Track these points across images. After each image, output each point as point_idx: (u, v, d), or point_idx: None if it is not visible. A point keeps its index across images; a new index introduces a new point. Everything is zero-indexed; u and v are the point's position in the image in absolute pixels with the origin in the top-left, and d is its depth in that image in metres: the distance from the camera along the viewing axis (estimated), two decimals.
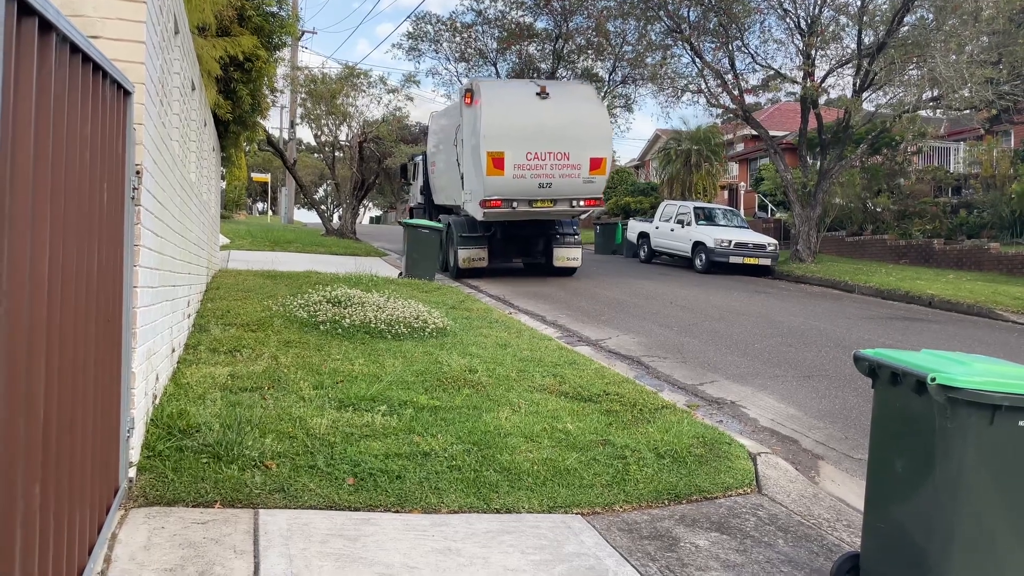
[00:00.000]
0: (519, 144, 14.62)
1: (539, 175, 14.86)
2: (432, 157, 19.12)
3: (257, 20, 12.21)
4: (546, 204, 15.26)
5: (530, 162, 14.72)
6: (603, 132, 15.63)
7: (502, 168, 14.54)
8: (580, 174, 15.10)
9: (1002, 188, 21.47)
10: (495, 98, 14.96)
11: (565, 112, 15.11)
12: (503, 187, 14.68)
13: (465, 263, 15.85)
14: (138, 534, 3.50)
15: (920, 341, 10.17)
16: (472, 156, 14.96)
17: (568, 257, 16.61)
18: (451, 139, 16.47)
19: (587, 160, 15.08)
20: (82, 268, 2.78)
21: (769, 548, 4.03)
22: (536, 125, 14.80)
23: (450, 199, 17.37)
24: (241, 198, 48.35)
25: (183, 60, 6.17)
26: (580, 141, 14.98)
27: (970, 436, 2.94)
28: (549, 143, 14.78)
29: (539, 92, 15.19)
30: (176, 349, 6.20)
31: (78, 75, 2.60)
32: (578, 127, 15.04)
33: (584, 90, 16.54)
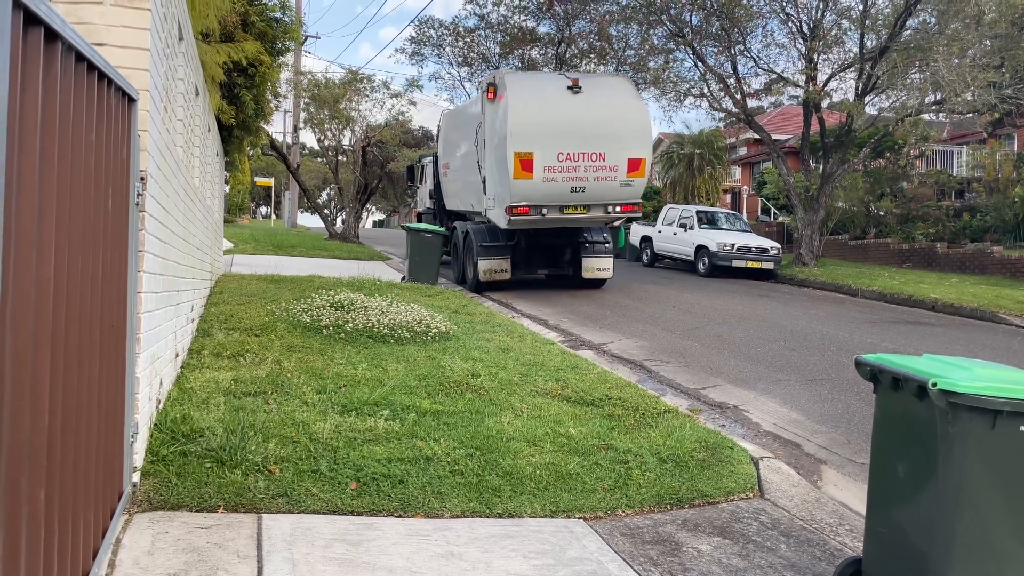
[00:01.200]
0: (550, 144, 13.15)
1: (572, 178, 13.39)
2: (444, 159, 17.64)
3: (261, 26, 12.26)
4: (579, 211, 13.69)
5: (562, 163, 13.25)
6: (642, 129, 13.97)
7: (531, 170, 13.10)
8: (617, 176, 13.61)
9: (1005, 192, 21.44)
10: (522, 93, 13.41)
11: (600, 107, 13.57)
12: (532, 192, 13.22)
13: (486, 275, 14.33)
14: (142, 539, 3.52)
15: (923, 345, 10.16)
16: (496, 157, 13.48)
17: (598, 268, 15.11)
18: (469, 139, 15.04)
19: (624, 161, 13.56)
20: (87, 273, 2.80)
21: (771, 553, 4.03)
22: (568, 122, 13.28)
23: (466, 204, 16.09)
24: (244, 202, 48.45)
25: (187, 66, 6.19)
26: (617, 139, 13.50)
27: (972, 441, 2.94)
28: (583, 142, 13.29)
29: (571, 85, 13.55)
30: (180, 354, 6.22)
31: (83, 83, 2.62)
32: (614, 124, 13.50)
33: (620, 83, 14.84)
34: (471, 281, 14.84)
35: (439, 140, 18.43)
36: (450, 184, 17.25)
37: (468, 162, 15.22)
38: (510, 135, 12.99)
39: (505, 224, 13.65)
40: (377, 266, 18.29)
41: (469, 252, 15.00)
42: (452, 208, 17.45)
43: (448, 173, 17.28)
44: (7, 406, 1.90)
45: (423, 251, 14.49)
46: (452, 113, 18.66)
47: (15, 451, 1.98)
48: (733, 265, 19.43)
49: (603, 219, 14.44)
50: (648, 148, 14.15)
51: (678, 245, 21.47)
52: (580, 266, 15.03)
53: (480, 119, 14.05)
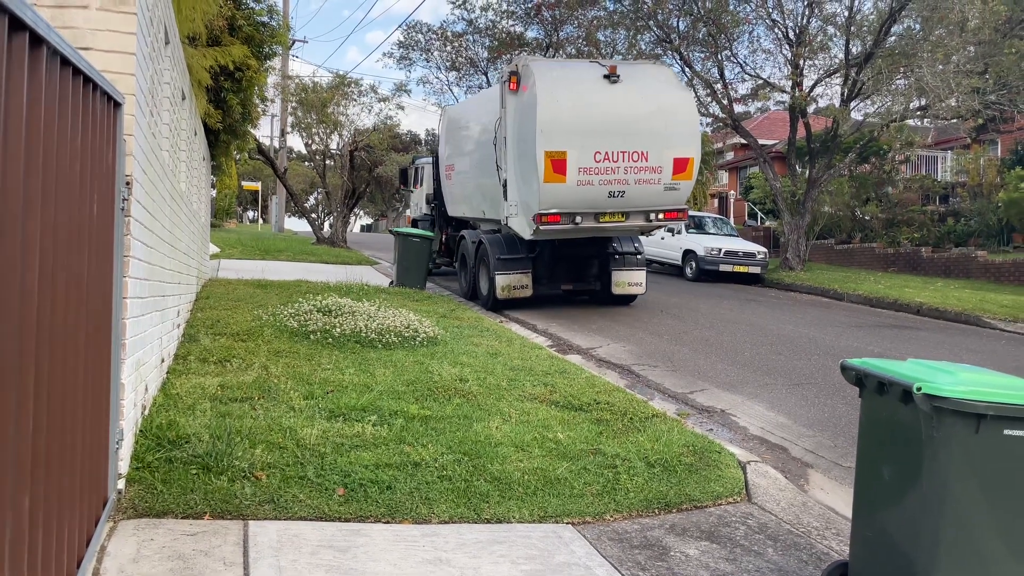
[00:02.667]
0: (585, 141, 11.36)
1: (610, 181, 11.60)
2: (448, 159, 15.71)
3: (247, 30, 12.22)
4: (616, 218, 11.99)
5: (599, 164, 11.46)
6: (689, 125, 12.22)
7: (563, 173, 11.32)
8: (661, 179, 11.83)
9: (989, 196, 21.66)
10: (553, 83, 11.57)
11: (641, 99, 11.82)
12: (564, 197, 11.44)
13: (504, 292, 12.57)
14: (127, 546, 3.49)
15: (908, 349, 10.23)
16: (521, 158, 11.73)
17: (630, 282, 13.41)
18: (485, 137, 13.19)
19: (670, 161, 11.82)
20: (71, 279, 2.78)
21: (759, 557, 4.05)
22: (606, 117, 11.50)
23: (475, 211, 14.40)
24: (231, 207, 48.24)
25: (173, 70, 6.17)
26: (661, 136, 11.75)
27: (956, 445, 2.96)
28: (623, 140, 11.52)
29: (608, 74, 11.77)
30: (166, 359, 6.18)
31: (68, 87, 2.61)
32: (658, 119, 11.75)
33: (661, 71, 13.03)
34: (485, 297, 13.13)
35: (441, 139, 16.53)
36: (455, 188, 15.47)
37: (482, 164, 13.45)
38: (540, 132, 11.19)
39: (530, 234, 11.94)
40: (365, 271, 18.25)
41: (483, 265, 13.27)
42: (456, 215, 15.80)
43: (452, 176, 15.50)
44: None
45: (411, 256, 14.46)
46: (459, 108, 17.02)
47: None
48: (720, 269, 19.52)
49: (643, 228, 12.76)
50: (696, 146, 12.28)
51: (665, 249, 21.54)
52: (609, 280, 13.34)
53: (499, 114, 12.14)
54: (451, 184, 15.61)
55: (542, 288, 13.18)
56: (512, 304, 12.83)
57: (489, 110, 13.02)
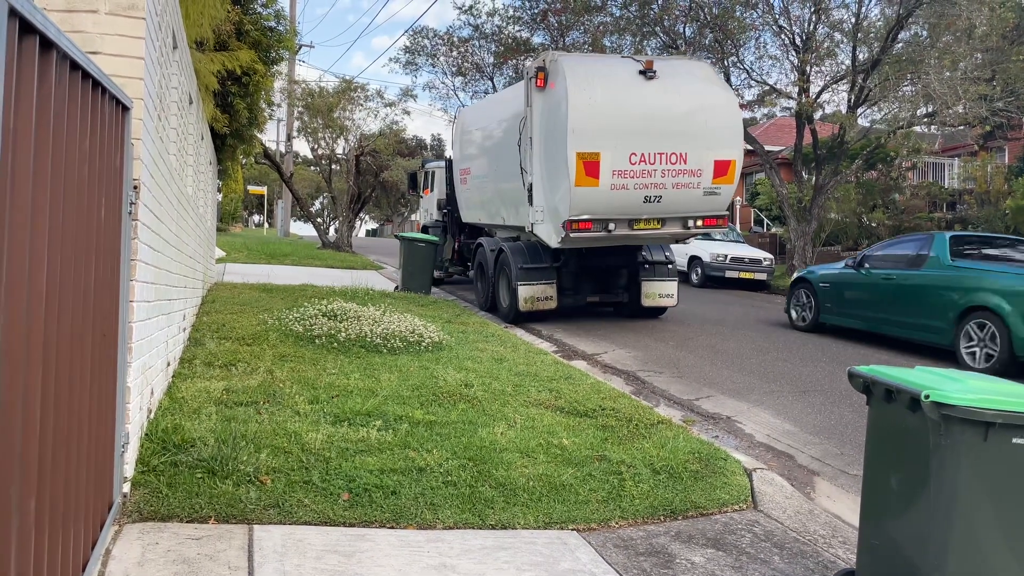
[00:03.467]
0: (620, 142, 10.59)
1: (646, 185, 10.79)
2: (463, 163, 14.89)
3: (255, 35, 12.27)
4: (652, 225, 11.16)
5: (634, 167, 10.67)
6: (731, 125, 11.35)
7: (596, 176, 10.53)
8: (700, 183, 11.06)
9: (996, 204, 21.60)
10: (586, 79, 10.74)
11: (680, 97, 11.04)
12: (597, 202, 10.63)
13: (527, 304, 11.75)
14: (132, 550, 3.49)
15: (915, 358, 10.19)
16: (549, 160, 10.94)
17: (661, 294, 12.60)
18: (507, 138, 12.33)
19: (710, 163, 11.04)
20: (79, 282, 2.79)
21: (765, 565, 4.03)
22: (642, 115, 10.72)
23: (493, 217, 13.62)
24: (237, 211, 48.39)
25: (181, 75, 6.19)
26: (702, 137, 10.98)
27: (964, 453, 2.95)
28: (660, 140, 10.76)
29: (643, 70, 10.97)
30: (171, 363, 6.19)
31: (77, 91, 2.62)
32: (698, 118, 10.96)
33: (701, 68, 12.16)
34: (506, 309, 12.36)
35: (455, 142, 15.72)
36: (471, 193, 14.65)
37: (502, 167, 12.63)
38: (571, 132, 10.39)
39: (557, 242, 11.09)
40: (370, 275, 18.27)
41: (503, 275, 12.53)
42: (471, 221, 15.04)
43: (468, 180, 14.67)
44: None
45: (416, 261, 14.46)
46: (476, 109, 16.09)
47: (6, 459, 1.97)
48: (726, 276, 19.48)
49: (679, 235, 11.95)
50: (739, 148, 11.48)
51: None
52: (638, 291, 12.55)
53: (524, 113, 11.33)
54: (466, 189, 14.85)
55: (567, 300, 12.32)
56: (535, 317, 12.05)
57: (511, 109, 12.29)
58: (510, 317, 12.09)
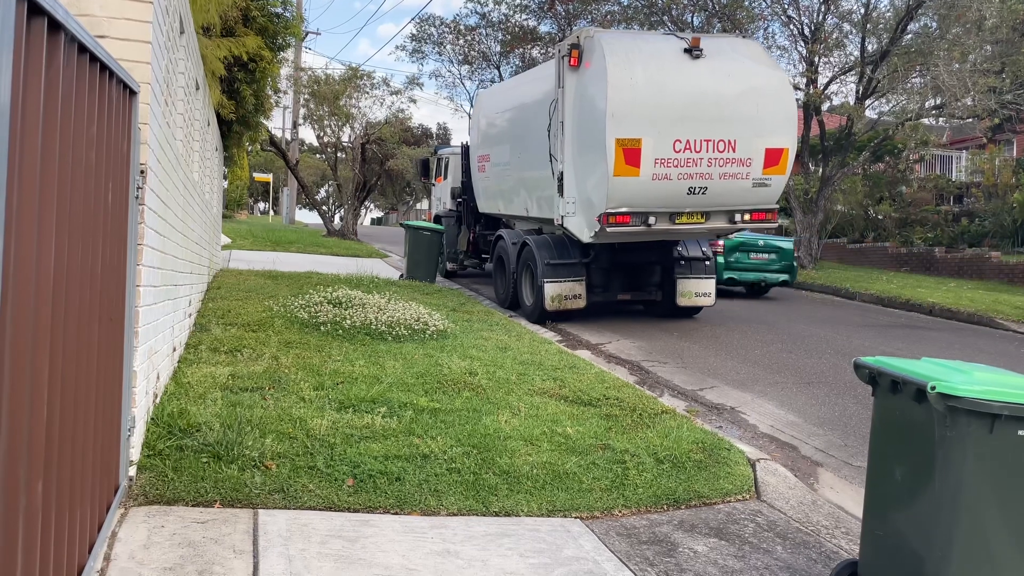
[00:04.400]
0: (663, 127, 9.72)
1: (690, 175, 9.93)
2: (481, 149, 13.94)
3: (262, 21, 12.23)
4: (695, 219, 10.30)
5: (679, 155, 9.80)
6: (784, 110, 10.43)
7: (637, 164, 9.63)
8: (750, 173, 10.18)
9: (1004, 197, 21.50)
10: (626, 57, 9.82)
11: (730, 78, 10.12)
12: (637, 194, 9.77)
13: (554, 302, 10.82)
14: (138, 533, 3.51)
15: (920, 349, 10.18)
16: (583, 147, 10.08)
17: (697, 292, 11.68)
18: (535, 123, 11.31)
19: (761, 151, 10.15)
20: (86, 267, 2.80)
21: (767, 554, 4.04)
22: (688, 98, 9.88)
23: (516, 208, 12.74)
24: (243, 198, 48.40)
25: (188, 60, 6.18)
26: (752, 122, 10.08)
27: (969, 445, 2.94)
28: (707, 126, 9.90)
29: (689, 48, 10.07)
30: (177, 348, 6.21)
31: (85, 75, 2.61)
32: (748, 102, 10.07)
33: (751, 47, 11.12)
34: (530, 308, 11.43)
35: (472, 126, 14.73)
36: (489, 182, 13.72)
37: (527, 154, 11.74)
38: (610, 116, 9.51)
39: (589, 236, 10.24)
40: (375, 263, 18.28)
41: (527, 270, 11.63)
42: (489, 211, 14.21)
43: (487, 168, 13.70)
44: (6, 397, 1.90)
45: (422, 249, 14.46)
46: (497, 91, 15.06)
47: (14, 442, 1.98)
48: None
49: (724, 231, 11.30)
50: (792, 135, 10.61)
51: None
52: (673, 289, 11.61)
53: (555, 96, 10.43)
54: (484, 177, 13.93)
55: (596, 298, 11.39)
56: (562, 317, 11.17)
57: (539, 91, 11.41)
58: (534, 316, 11.18)
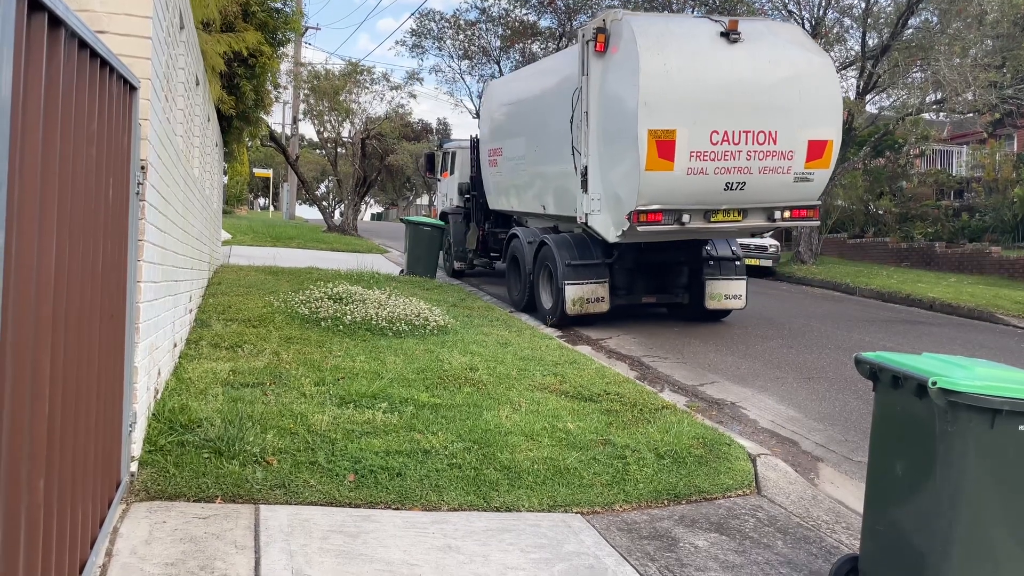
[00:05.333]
0: (700, 117, 9.05)
1: (728, 169, 9.25)
2: (493, 142, 13.27)
3: (261, 16, 12.22)
4: (732, 217, 9.63)
5: (716, 148, 9.12)
6: (829, 98, 9.76)
7: (671, 158, 8.93)
8: (791, 167, 9.50)
9: (1004, 192, 21.47)
10: (658, 41, 9.13)
11: (770, 64, 9.44)
12: (670, 190, 9.11)
13: (575, 305, 10.13)
14: (139, 528, 3.52)
15: (921, 344, 10.18)
16: (611, 139, 9.42)
17: (727, 294, 10.98)
18: (555, 113, 10.60)
19: (803, 143, 9.49)
20: (87, 263, 2.79)
21: (768, 549, 4.04)
22: (726, 86, 9.20)
23: (529, 204, 12.16)
24: (243, 193, 48.39)
25: (188, 55, 6.17)
26: (795, 112, 9.43)
27: (970, 440, 2.94)
28: (746, 116, 9.23)
29: (726, 31, 9.38)
30: (178, 344, 6.21)
31: (85, 70, 2.61)
32: (792, 89, 9.41)
33: (791, 30, 10.50)
34: (548, 311, 10.66)
35: (482, 118, 14.06)
36: (502, 177, 13.06)
37: (545, 147, 11.07)
38: (643, 105, 8.83)
39: (616, 235, 9.56)
40: (375, 259, 18.27)
41: (545, 271, 10.87)
42: (500, 208, 13.54)
43: (499, 162, 13.02)
44: (8, 393, 1.90)
45: (422, 245, 14.44)
46: (511, 80, 14.29)
47: (15, 439, 1.98)
48: None
49: (761, 229, 10.70)
50: (837, 126, 9.91)
51: None
52: (702, 291, 10.92)
53: (579, 84, 9.71)
54: (496, 172, 13.25)
55: (619, 301, 10.66)
56: (583, 321, 10.48)
57: (558, 79, 10.72)
58: (553, 320, 10.45)
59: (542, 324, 10.43)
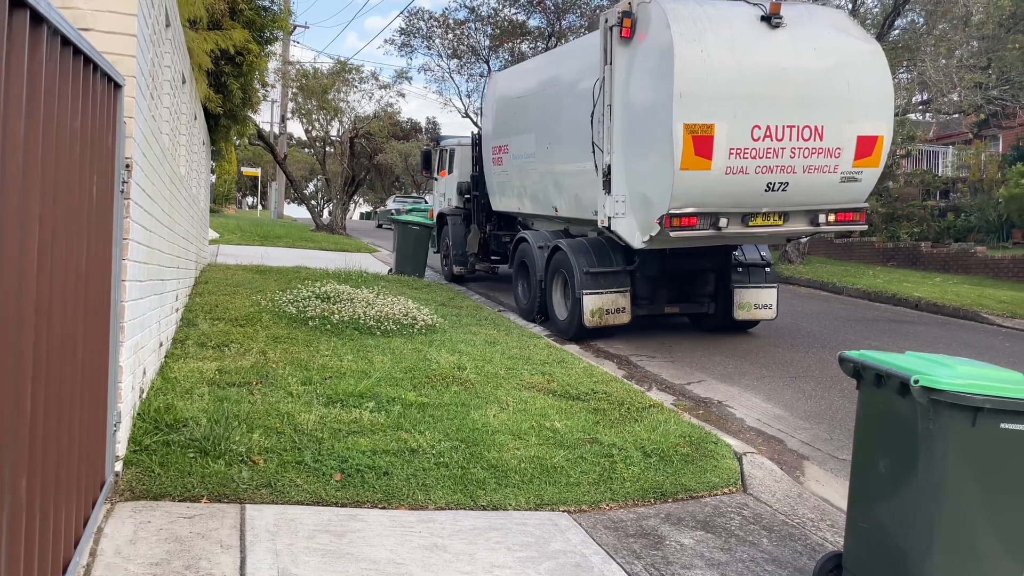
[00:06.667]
0: (740, 111, 8.22)
1: (769, 168, 8.42)
2: (499, 138, 12.45)
3: (249, 14, 12.18)
4: (772, 221, 8.81)
5: (757, 144, 8.30)
6: (881, 89, 8.88)
7: (708, 155, 8.12)
8: (838, 165, 8.73)
9: (989, 192, 21.64)
10: (694, 25, 8.30)
11: (816, 52, 8.62)
12: (707, 190, 8.26)
13: (594, 317, 9.28)
14: (124, 528, 3.50)
15: (906, 343, 10.25)
16: (639, 134, 8.60)
17: (757, 304, 10.14)
18: (568, 106, 10.00)
19: (852, 140, 8.70)
20: (71, 262, 2.78)
21: (753, 547, 4.06)
22: (769, 75, 8.35)
23: (540, 206, 11.34)
24: (231, 192, 48.19)
25: (174, 53, 6.15)
26: (843, 105, 8.61)
27: (952, 438, 2.97)
28: (791, 109, 8.41)
29: (767, 15, 8.54)
30: (164, 343, 6.19)
31: (69, 68, 2.60)
32: (840, 79, 8.59)
33: (836, 16, 9.66)
34: (564, 323, 9.84)
35: (486, 113, 13.25)
36: (508, 176, 12.28)
37: (559, 143, 10.36)
38: (678, 96, 7.98)
39: (642, 241, 8.69)
40: (364, 258, 18.24)
41: (559, 279, 10.06)
42: (505, 209, 12.79)
43: (505, 160, 12.22)
44: None
45: (410, 244, 14.43)
46: (519, 72, 13.37)
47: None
48: None
49: (802, 234, 9.89)
50: (888, 120, 9.00)
51: None
52: (730, 300, 10.06)
53: (602, 74, 8.90)
54: (501, 170, 12.44)
55: (640, 312, 9.78)
56: (602, 333, 9.67)
57: (574, 70, 10.02)
58: (570, 333, 9.64)
59: (530, 323, 10.43)
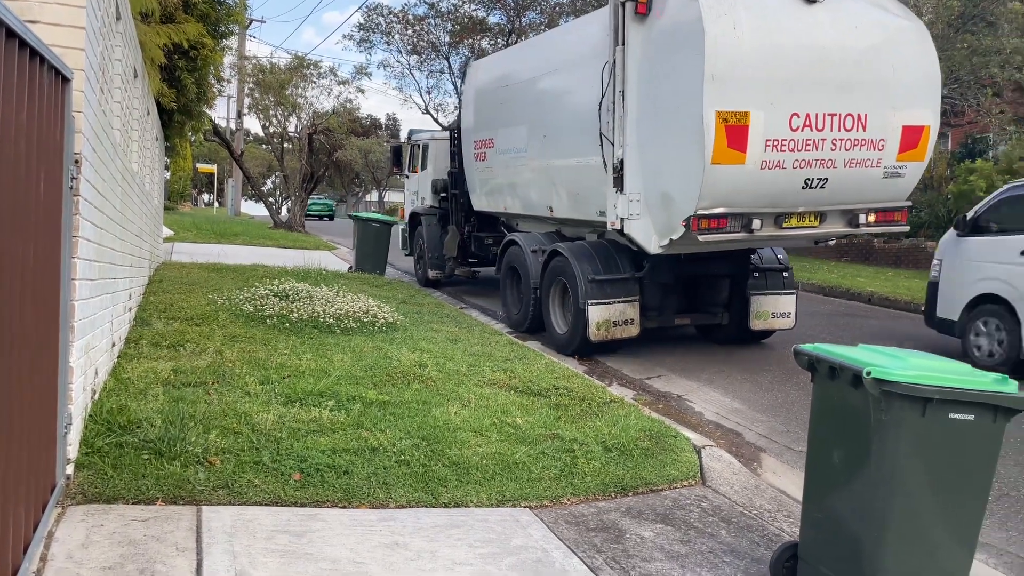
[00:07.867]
0: (779, 97, 7.18)
1: (809, 161, 7.40)
2: (482, 132, 11.34)
3: (203, 7, 11.97)
4: (807, 222, 7.80)
5: (796, 135, 7.26)
6: (926, 71, 7.84)
7: (743, 147, 7.05)
8: (882, 159, 7.71)
9: (939, 189, 22.19)
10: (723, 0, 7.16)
11: (856, 30, 7.54)
12: (738, 188, 7.21)
13: (600, 330, 8.27)
14: (76, 532, 3.42)
15: (859, 337, 10.46)
16: (661, 124, 7.52)
17: (775, 312, 9.20)
18: (569, 93, 9.08)
19: (898, 130, 7.68)
20: (16, 260, 2.71)
21: (712, 539, 4.12)
22: (808, 57, 7.30)
23: (531, 205, 10.27)
24: (186, 189, 47.34)
25: (125, 47, 6.02)
26: (887, 90, 7.58)
27: (903, 428, 3.04)
28: (832, 94, 7.39)
29: None
30: (117, 343, 6.06)
31: (14, 61, 2.53)
32: (883, 61, 7.57)
33: None
34: (564, 336, 8.81)
35: (467, 105, 12.06)
36: (494, 173, 11.10)
37: (559, 135, 9.28)
38: (709, 79, 6.89)
39: (660, 245, 7.68)
40: (323, 255, 18.06)
41: (557, 287, 9.04)
42: (490, 209, 11.65)
43: (490, 156, 11.08)
44: None
45: (370, 241, 14.33)
46: (506, 57, 12.32)
47: None
48: None
49: (836, 235, 8.64)
50: (935, 108, 7.97)
51: None
52: (746, 308, 9.10)
53: (613, 56, 7.83)
54: (485, 167, 11.31)
55: (649, 323, 8.75)
56: (610, 348, 8.67)
57: (574, 53, 9.01)
58: (571, 347, 8.63)
59: (492, 320, 10.43)
